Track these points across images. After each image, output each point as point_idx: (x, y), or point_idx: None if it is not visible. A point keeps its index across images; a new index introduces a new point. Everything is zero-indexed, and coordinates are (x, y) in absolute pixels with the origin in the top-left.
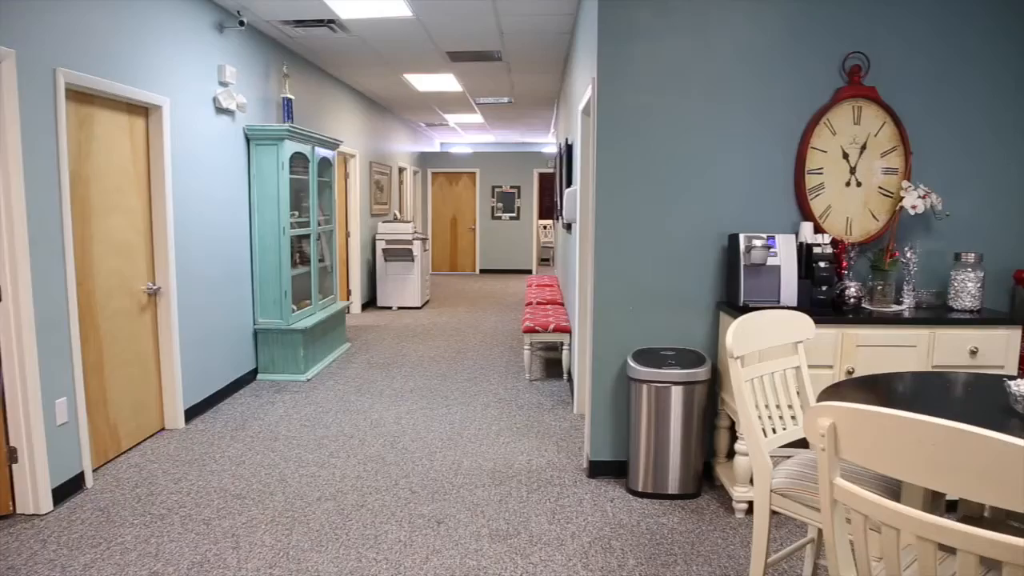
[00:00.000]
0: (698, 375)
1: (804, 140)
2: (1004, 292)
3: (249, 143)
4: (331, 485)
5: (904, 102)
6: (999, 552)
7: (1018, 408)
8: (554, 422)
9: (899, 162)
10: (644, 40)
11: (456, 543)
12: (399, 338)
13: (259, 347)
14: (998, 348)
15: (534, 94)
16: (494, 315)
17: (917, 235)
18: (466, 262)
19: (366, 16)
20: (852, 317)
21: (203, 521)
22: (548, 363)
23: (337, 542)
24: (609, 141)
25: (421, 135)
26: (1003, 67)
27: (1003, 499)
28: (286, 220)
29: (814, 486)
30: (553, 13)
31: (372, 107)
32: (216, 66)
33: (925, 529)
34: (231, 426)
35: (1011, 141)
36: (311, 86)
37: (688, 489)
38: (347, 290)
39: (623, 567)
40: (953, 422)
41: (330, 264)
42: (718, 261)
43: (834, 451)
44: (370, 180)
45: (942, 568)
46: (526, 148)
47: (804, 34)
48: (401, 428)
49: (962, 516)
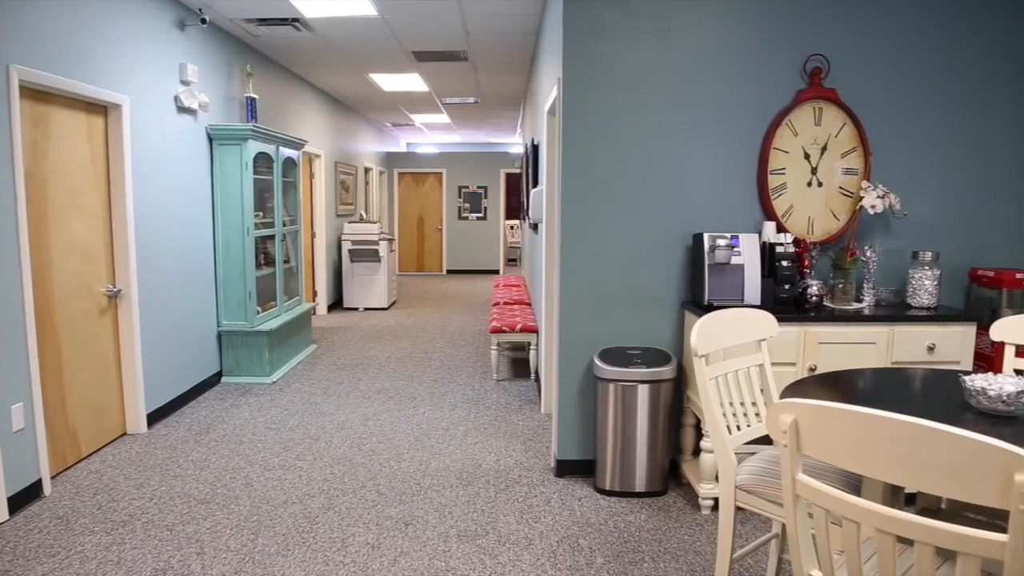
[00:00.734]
0: (664, 374)
1: (767, 141)
2: (959, 290)
3: (212, 143)
4: (297, 488)
5: (863, 104)
6: (953, 543)
7: (973, 403)
8: (521, 422)
9: (859, 162)
10: (609, 41)
11: (424, 544)
12: (366, 339)
13: (223, 349)
14: (954, 344)
15: (500, 94)
16: (461, 315)
17: (877, 234)
18: (433, 262)
19: (331, 15)
20: (814, 315)
21: (166, 527)
22: (515, 363)
23: (304, 546)
24: (574, 141)
25: (387, 135)
26: (958, 72)
27: (958, 491)
28: (250, 221)
29: (777, 482)
30: (519, 13)
31: (337, 107)
32: (178, 64)
33: (884, 522)
34: (195, 430)
35: (965, 143)
36: (275, 85)
37: (655, 487)
38: (313, 291)
39: (591, 565)
40: (910, 417)
41: (295, 265)
42: (683, 260)
43: (796, 447)
44: (335, 180)
45: (901, 560)
46: (493, 148)
47: (766, 36)
48: (368, 429)
49: (920, 509)
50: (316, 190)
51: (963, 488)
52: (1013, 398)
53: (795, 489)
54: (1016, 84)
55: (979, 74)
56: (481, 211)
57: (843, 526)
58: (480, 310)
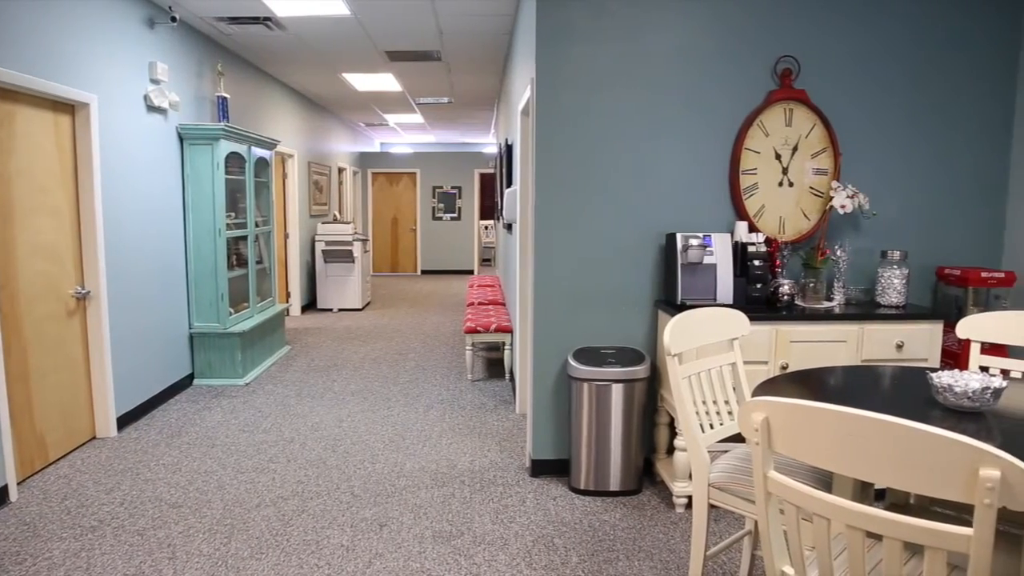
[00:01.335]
0: (637, 373)
1: (738, 141)
2: (927, 288)
3: (183, 142)
4: (271, 491)
5: (833, 105)
6: (920, 537)
7: (940, 399)
8: (496, 422)
9: (829, 163)
10: (582, 42)
11: (399, 546)
12: (340, 340)
13: (195, 351)
14: (922, 342)
15: (474, 94)
16: (436, 316)
17: (846, 234)
18: (407, 263)
19: (303, 14)
20: (786, 314)
21: (137, 532)
22: (490, 363)
23: (278, 549)
24: (548, 142)
25: (361, 135)
26: (925, 76)
27: (925, 486)
28: (222, 221)
29: (750, 479)
30: (492, 14)
31: (310, 106)
32: (147, 63)
33: (853, 518)
34: (166, 433)
35: (931, 145)
36: (247, 85)
37: (629, 486)
38: (286, 292)
39: (566, 564)
40: (878, 414)
41: (268, 266)
42: (656, 260)
43: (767, 445)
44: (309, 180)
45: (871, 555)
46: (467, 148)
47: (737, 38)
48: (342, 431)
49: (889, 504)
50: (289, 190)
51: (929, 483)
52: (978, 394)
53: (766, 486)
54: (981, 88)
55: (945, 78)
56: (455, 211)
57: (814, 522)
58: (454, 310)
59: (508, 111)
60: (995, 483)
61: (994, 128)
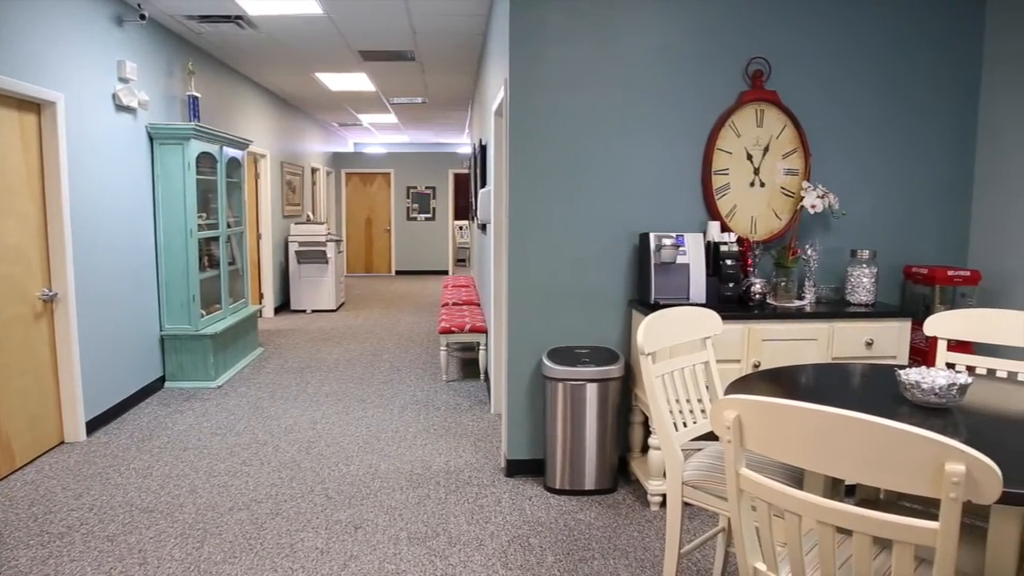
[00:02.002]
0: (612, 372)
1: (710, 142)
2: (895, 287)
3: (153, 142)
4: (244, 494)
5: (803, 106)
6: (887, 531)
7: (907, 395)
8: (471, 422)
9: (799, 163)
10: (556, 43)
11: (374, 548)
12: (314, 341)
13: (166, 354)
14: (891, 339)
15: (448, 95)
16: (410, 316)
17: (817, 233)
18: (382, 263)
19: (275, 13)
20: (757, 313)
21: (107, 538)
22: (465, 364)
23: (251, 553)
24: (522, 142)
25: (334, 135)
26: (891, 79)
27: (893, 481)
28: (193, 222)
29: (723, 477)
30: (466, 14)
31: (283, 106)
32: (115, 61)
33: (823, 513)
34: (137, 437)
35: (898, 146)
36: (219, 84)
37: (604, 485)
38: (259, 293)
39: (542, 564)
40: (848, 411)
41: (241, 267)
42: (630, 260)
43: (739, 442)
44: (282, 181)
45: (841, 550)
46: (441, 148)
47: (709, 39)
48: (316, 433)
49: (860, 500)
50: (262, 191)
51: (897, 478)
52: (944, 390)
53: (739, 484)
54: (946, 91)
55: (911, 81)
56: (430, 212)
57: (785, 519)
58: (429, 311)
59: (482, 112)
60: (960, 477)
61: (959, 130)
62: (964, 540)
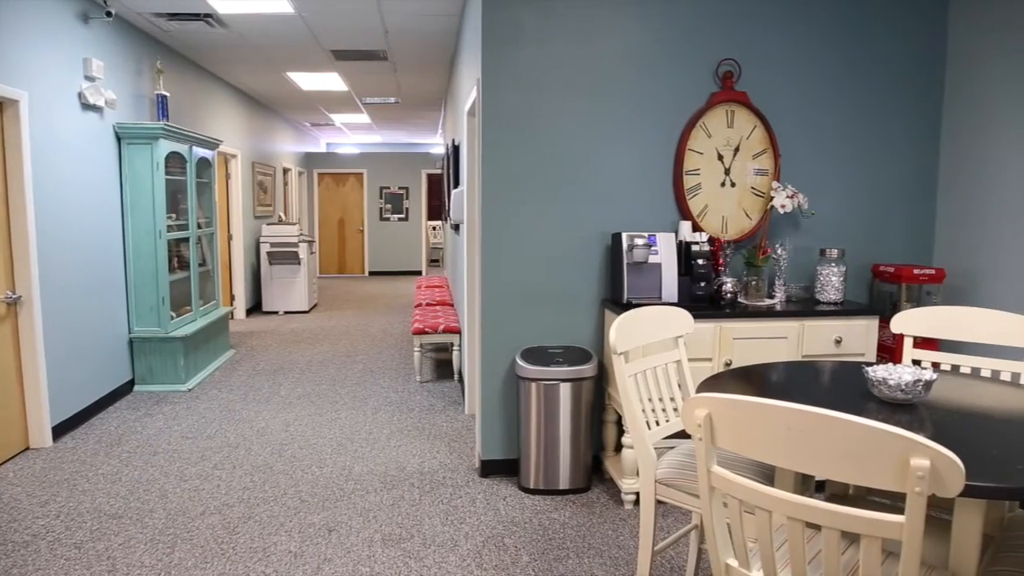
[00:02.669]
0: (585, 372)
1: (682, 142)
2: (863, 285)
3: (120, 142)
4: (216, 498)
5: (773, 107)
6: (855, 526)
7: (875, 392)
8: (445, 423)
9: (769, 164)
10: (528, 43)
11: (348, 551)
12: (286, 343)
13: (135, 357)
14: (859, 337)
15: (421, 95)
16: (384, 317)
17: (787, 233)
18: (355, 264)
19: (245, 11)
20: (729, 312)
21: (74, 545)
22: (439, 364)
23: (223, 557)
24: (494, 142)
25: (306, 135)
26: (859, 81)
27: (860, 477)
28: (162, 223)
29: (695, 475)
30: (439, 14)
31: (254, 106)
32: (81, 59)
33: (792, 509)
34: (105, 442)
35: (866, 147)
36: (188, 83)
37: (578, 484)
38: (230, 295)
39: (516, 564)
40: (816, 408)
41: (212, 268)
42: (602, 259)
43: (710, 440)
44: (253, 181)
45: (811, 545)
46: (414, 149)
47: (681, 40)
48: (289, 435)
49: (829, 495)
50: (232, 191)
51: (864, 473)
52: (910, 386)
53: (710, 481)
54: (911, 93)
55: (878, 83)
56: (403, 212)
57: (756, 515)
58: (403, 312)
59: (455, 112)
60: (925, 472)
61: (923, 131)
62: (929, 533)
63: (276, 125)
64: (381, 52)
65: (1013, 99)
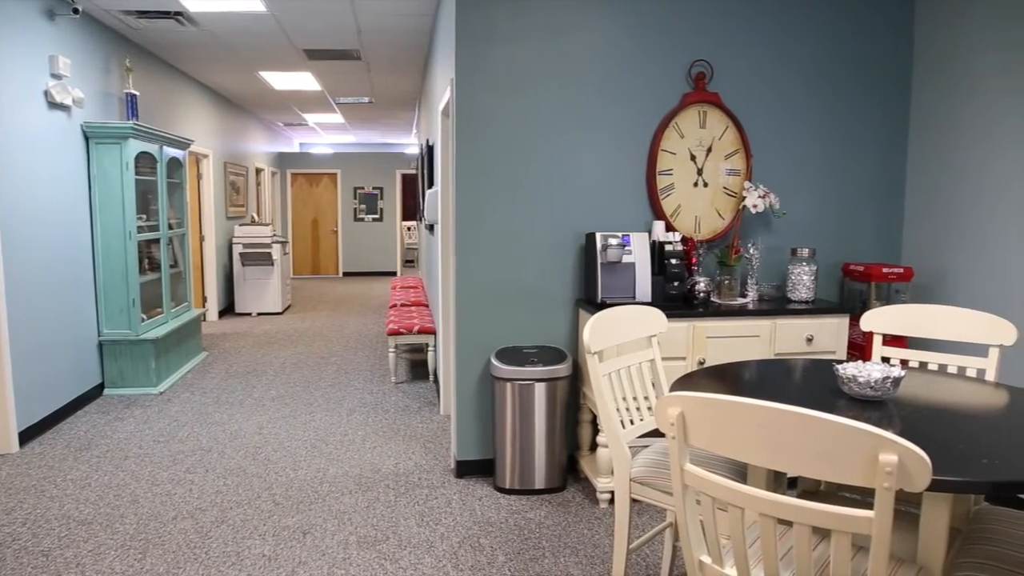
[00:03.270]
0: (560, 371)
1: (655, 142)
2: (834, 284)
3: (89, 141)
4: (188, 502)
5: (744, 108)
6: (825, 521)
7: (845, 389)
8: (421, 424)
9: (741, 164)
10: (502, 42)
11: (323, 553)
12: (259, 345)
13: (105, 360)
14: (830, 335)
15: (395, 94)
16: (358, 318)
17: (759, 232)
18: (329, 265)
19: (216, 9)
20: (702, 311)
21: (41, 553)
22: (414, 365)
23: (196, 562)
24: (468, 142)
25: (279, 135)
26: (828, 82)
27: (830, 473)
28: (132, 224)
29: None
30: (412, 13)
31: (226, 105)
32: (47, 56)
33: (764, 506)
34: (74, 446)
35: (836, 148)
36: (158, 82)
37: (554, 483)
38: (202, 297)
39: (492, 564)
40: (787, 406)
41: (183, 269)
42: (577, 259)
43: (683, 438)
44: (225, 181)
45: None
46: (388, 149)
47: (654, 42)
48: (263, 438)
49: (801, 491)
50: (204, 191)
51: (834, 470)
52: (879, 384)
53: (683, 479)
54: (880, 95)
55: (848, 84)
56: (377, 212)
57: (729, 512)
58: (377, 312)
59: (429, 112)
60: (893, 467)
61: (892, 132)
62: (898, 527)
63: (249, 125)
64: (354, 52)
65: (975, 98)
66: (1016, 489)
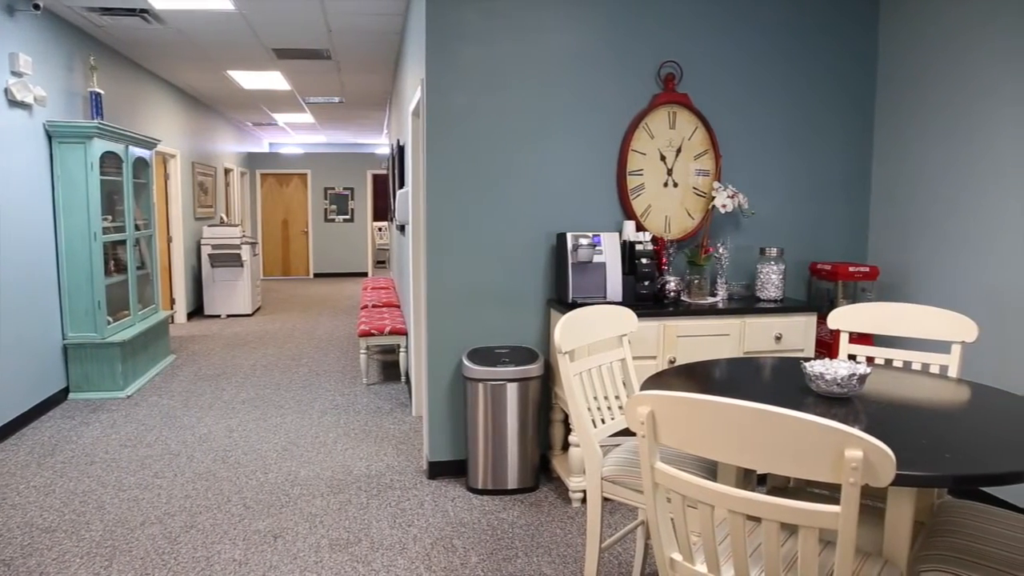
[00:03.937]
0: (532, 372)
1: (625, 143)
2: (802, 283)
3: (51, 141)
4: (156, 508)
5: (713, 109)
6: (793, 517)
7: (813, 387)
8: (392, 425)
9: (710, 164)
10: (473, 42)
11: (295, 557)
12: (229, 347)
13: (69, 363)
14: (799, 333)
15: (366, 94)
16: (329, 320)
17: (728, 232)
18: (299, 266)
19: (183, 7)
20: (672, 310)
21: (3, 563)
22: (385, 366)
23: (165, 568)
24: (439, 143)
25: (248, 135)
26: (794, 83)
27: (798, 469)
28: (97, 225)
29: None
30: (382, 13)
31: (194, 105)
32: (7, 54)
33: (732, 503)
34: (37, 452)
35: (803, 149)
36: (124, 80)
37: (527, 483)
38: (171, 298)
39: (466, 565)
40: (756, 403)
41: (150, 271)
42: (548, 259)
43: (653, 437)
44: (193, 182)
45: (752, 538)
46: (359, 149)
47: (624, 42)
48: (233, 441)
49: (771, 488)
50: (172, 192)
51: (801, 466)
52: (846, 381)
53: (654, 477)
54: (845, 97)
55: (814, 86)
56: (348, 213)
57: (698, 509)
58: (348, 313)
59: (400, 112)
60: (858, 463)
61: (857, 134)
62: (864, 521)
63: (217, 125)
64: (324, 51)
65: (934, 99)
66: (978, 482)
